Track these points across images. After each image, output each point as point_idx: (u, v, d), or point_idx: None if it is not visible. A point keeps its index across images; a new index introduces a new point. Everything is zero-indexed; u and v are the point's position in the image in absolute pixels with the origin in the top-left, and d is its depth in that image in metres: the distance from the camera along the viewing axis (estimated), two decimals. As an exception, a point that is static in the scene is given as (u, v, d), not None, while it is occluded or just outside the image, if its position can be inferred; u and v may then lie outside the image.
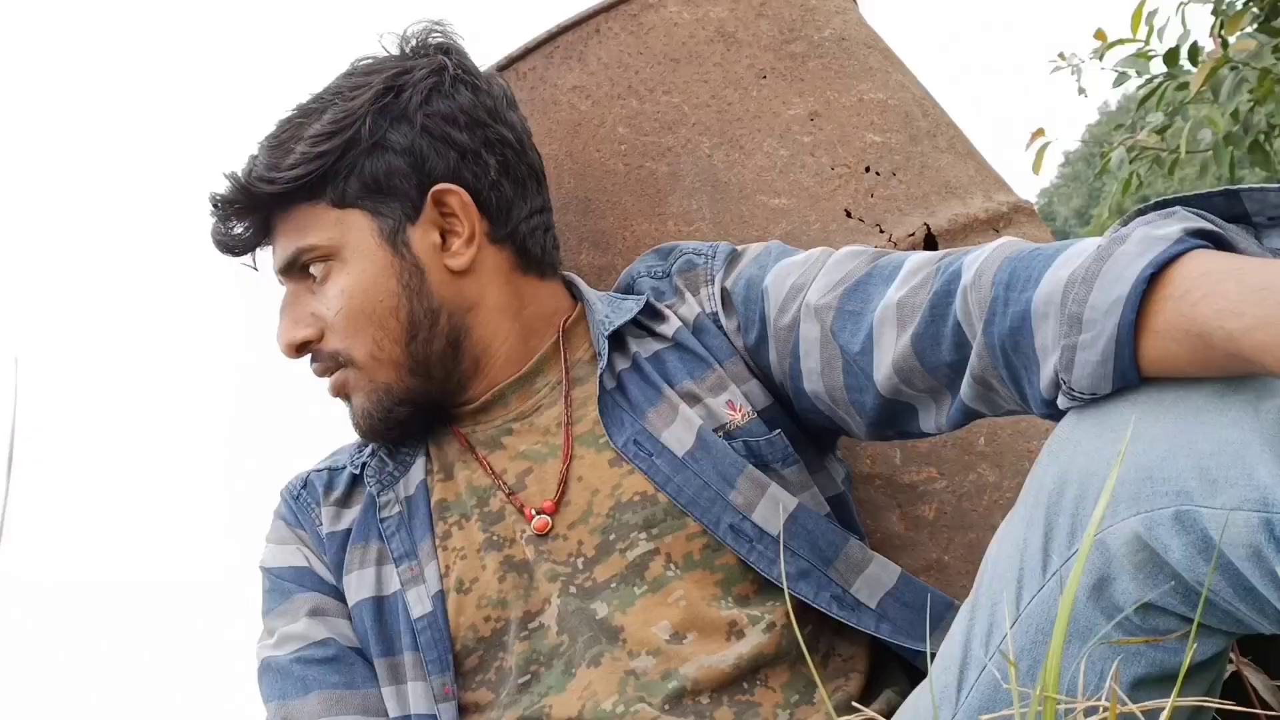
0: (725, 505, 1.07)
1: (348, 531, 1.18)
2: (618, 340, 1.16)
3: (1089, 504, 0.77)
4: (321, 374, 1.17)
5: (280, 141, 1.14)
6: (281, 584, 1.18)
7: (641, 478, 1.09)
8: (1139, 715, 0.59)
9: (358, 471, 1.20)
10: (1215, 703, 0.67)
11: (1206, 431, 0.73)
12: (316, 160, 1.11)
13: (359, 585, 1.15)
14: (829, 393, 1.05)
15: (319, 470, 1.23)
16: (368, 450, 1.20)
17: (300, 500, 1.21)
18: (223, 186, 1.15)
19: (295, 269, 1.16)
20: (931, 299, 0.94)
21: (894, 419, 1.03)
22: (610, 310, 1.17)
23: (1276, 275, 0.69)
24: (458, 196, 1.13)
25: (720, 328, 1.14)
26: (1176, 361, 0.75)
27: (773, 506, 1.07)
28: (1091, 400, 0.80)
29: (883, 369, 0.99)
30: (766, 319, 1.09)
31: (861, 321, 1.01)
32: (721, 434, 1.10)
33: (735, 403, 1.11)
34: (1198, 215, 0.80)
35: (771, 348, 1.09)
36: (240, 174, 1.14)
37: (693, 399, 1.12)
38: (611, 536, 1.09)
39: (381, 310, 1.12)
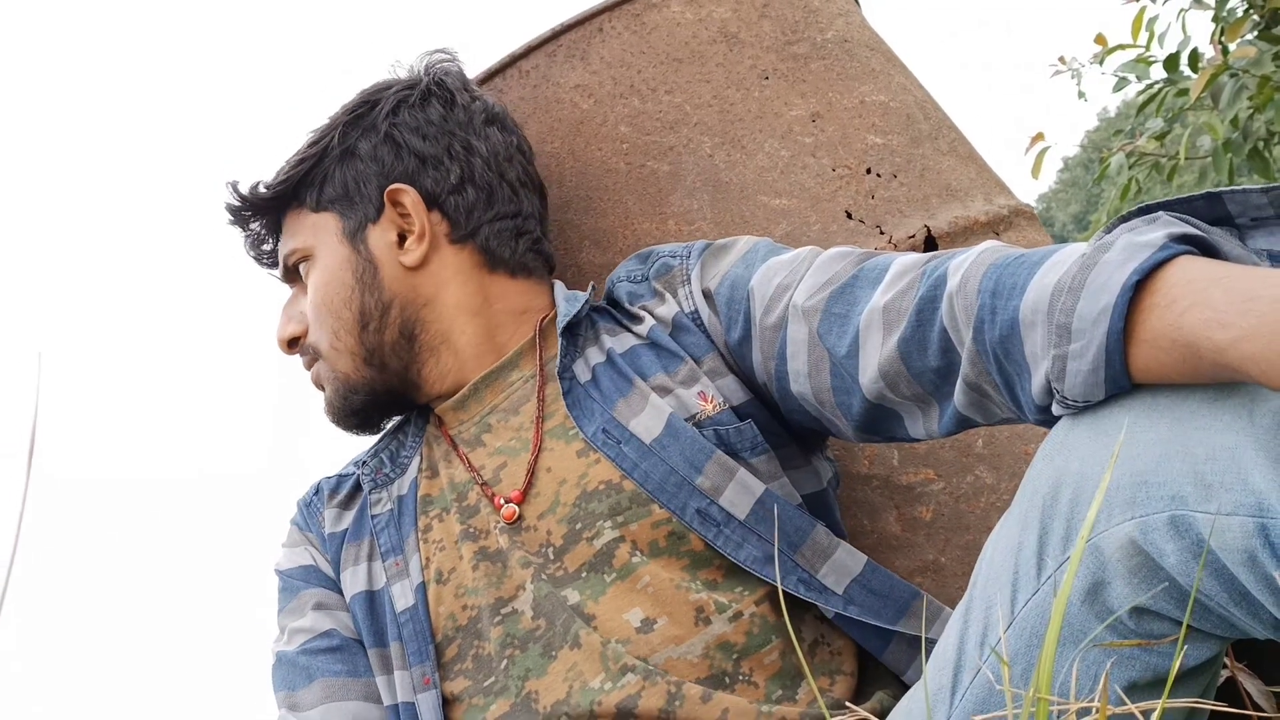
0: (692, 490, 1.08)
1: (346, 531, 1.23)
2: (594, 336, 1.19)
3: (1084, 508, 0.77)
4: (307, 367, 1.27)
5: (290, 154, 1.26)
6: (291, 583, 1.24)
7: (608, 467, 1.11)
8: (1137, 715, 0.59)
9: (361, 472, 1.26)
10: (1207, 704, 0.67)
11: (1201, 436, 0.73)
12: (297, 167, 1.23)
13: (352, 581, 1.20)
14: (816, 395, 1.06)
15: (329, 477, 1.30)
16: (371, 452, 1.27)
17: (311, 506, 1.28)
18: (233, 196, 1.27)
19: (289, 271, 1.28)
20: (917, 304, 0.94)
21: (880, 424, 1.03)
22: (569, 308, 1.20)
23: (1262, 284, 0.69)
24: (410, 195, 1.21)
25: (700, 326, 1.15)
26: (1165, 369, 0.75)
27: (740, 491, 1.08)
28: (1086, 406, 0.81)
29: (868, 373, 0.99)
30: (751, 318, 1.10)
31: (848, 325, 1.01)
32: (692, 423, 1.11)
33: (707, 393, 1.13)
34: (1181, 220, 0.80)
35: (756, 347, 1.10)
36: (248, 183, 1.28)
37: (664, 390, 1.13)
38: (578, 525, 1.11)
39: (337, 302, 1.22)
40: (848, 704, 0.95)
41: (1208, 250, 0.77)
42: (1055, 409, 0.83)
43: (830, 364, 1.03)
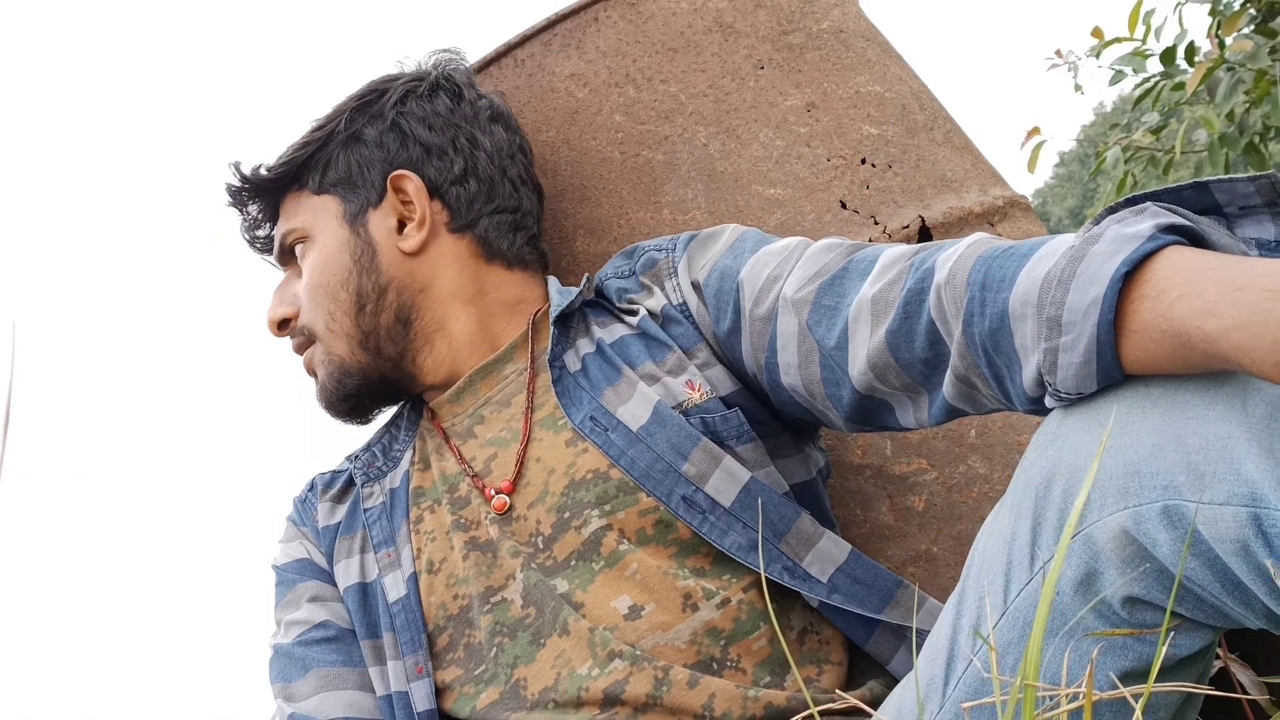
0: (678, 477, 1.08)
1: (339, 525, 1.24)
2: (585, 327, 1.20)
3: (1077, 498, 0.77)
4: (297, 350, 1.28)
5: (294, 138, 1.28)
6: (287, 577, 1.24)
7: (596, 456, 1.11)
8: (1129, 699, 0.59)
9: (353, 466, 1.27)
10: (1199, 689, 0.67)
11: (1194, 426, 0.72)
12: (301, 150, 1.25)
13: (345, 573, 1.21)
14: (806, 386, 1.06)
15: (324, 473, 1.31)
16: (364, 446, 1.28)
17: (306, 502, 1.29)
18: (234, 177, 1.27)
19: (285, 253, 1.29)
20: (905, 296, 0.94)
21: (871, 414, 1.03)
22: (561, 300, 1.20)
23: (1251, 274, 0.69)
24: (413, 182, 1.23)
25: (689, 317, 1.15)
26: (1157, 360, 0.75)
27: (726, 478, 1.08)
28: (1079, 398, 0.80)
29: (858, 364, 0.99)
30: (741, 309, 1.10)
31: (837, 316, 1.01)
32: (679, 411, 1.11)
33: (694, 382, 1.13)
34: (1169, 210, 0.79)
35: (745, 338, 1.10)
36: (250, 165, 1.27)
37: (652, 379, 1.14)
38: (566, 514, 1.11)
39: (334, 283, 1.22)
40: (838, 691, 0.95)
41: (1196, 240, 0.77)
42: (1048, 401, 0.82)
43: (820, 356, 1.03)
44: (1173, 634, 0.77)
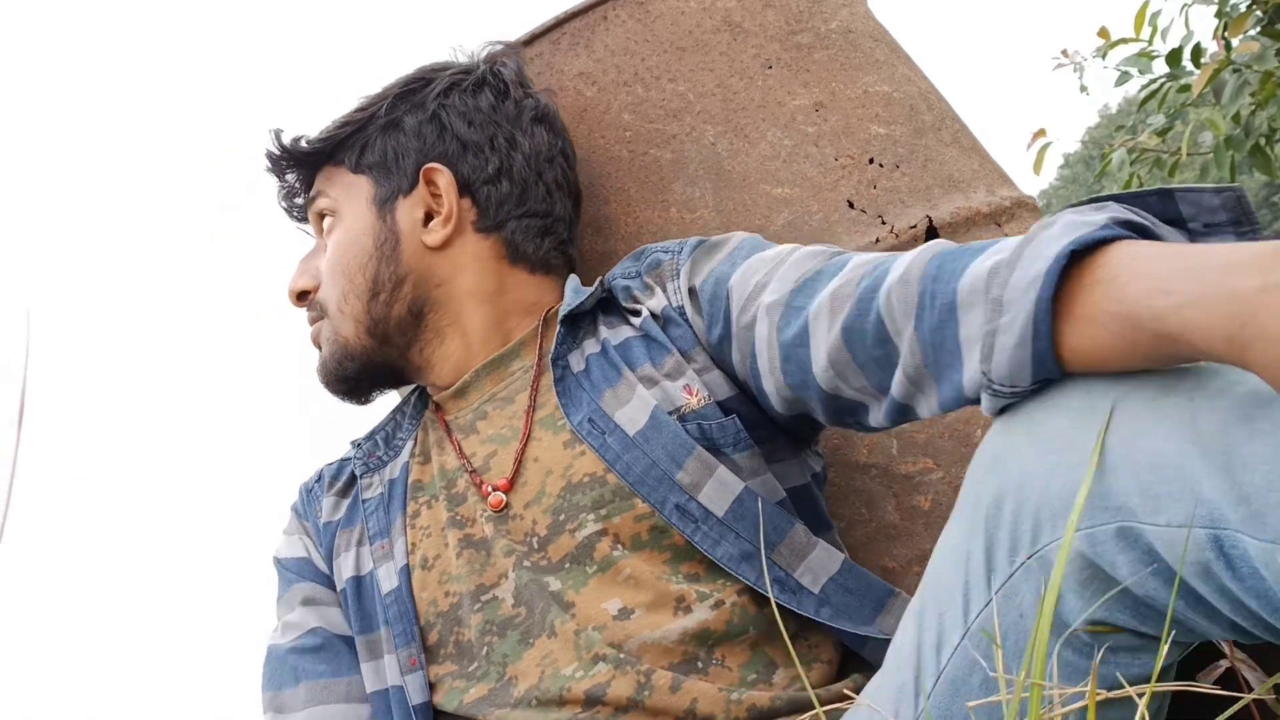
0: (672, 485, 1.07)
1: (339, 521, 1.24)
2: (594, 328, 1.19)
3: (1027, 518, 0.75)
4: (310, 322, 1.28)
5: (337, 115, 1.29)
6: (286, 574, 1.24)
7: (592, 459, 1.10)
8: (1134, 698, 0.59)
9: (355, 455, 1.27)
10: (1200, 687, 0.67)
11: (1143, 444, 0.70)
12: (341, 129, 1.25)
13: (344, 567, 1.21)
14: (778, 390, 1.05)
15: (331, 464, 1.30)
16: (367, 434, 1.28)
17: (311, 493, 1.28)
18: (275, 145, 1.28)
19: (314, 218, 1.29)
20: (860, 291, 0.93)
21: (843, 413, 1.02)
22: (573, 299, 1.19)
23: (1207, 254, 0.66)
24: (445, 176, 1.22)
25: (686, 321, 1.14)
26: (1101, 347, 0.72)
27: (719, 488, 1.07)
28: (1014, 399, 0.78)
29: (819, 362, 0.98)
30: (730, 317, 1.09)
31: (802, 315, 1.00)
32: (676, 416, 1.11)
33: (692, 387, 1.12)
34: (1130, 210, 0.77)
35: (734, 346, 1.09)
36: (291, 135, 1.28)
37: (650, 382, 1.13)
38: (561, 517, 1.10)
39: (352, 266, 1.22)
40: (817, 691, 0.94)
41: (1152, 240, 0.75)
42: (985, 402, 0.80)
43: (785, 354, 1.02)
44: (1134, 653, 0.75)
